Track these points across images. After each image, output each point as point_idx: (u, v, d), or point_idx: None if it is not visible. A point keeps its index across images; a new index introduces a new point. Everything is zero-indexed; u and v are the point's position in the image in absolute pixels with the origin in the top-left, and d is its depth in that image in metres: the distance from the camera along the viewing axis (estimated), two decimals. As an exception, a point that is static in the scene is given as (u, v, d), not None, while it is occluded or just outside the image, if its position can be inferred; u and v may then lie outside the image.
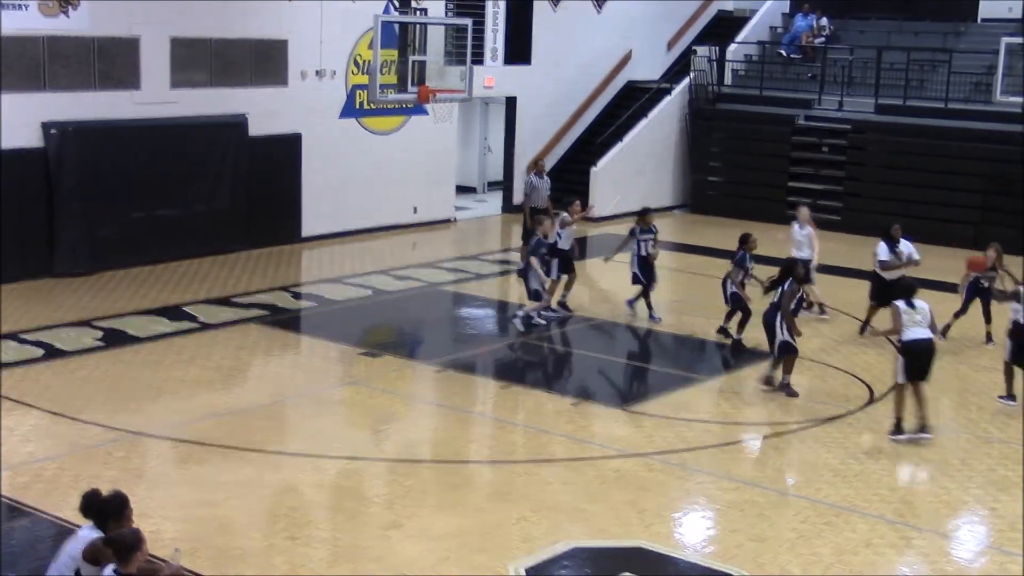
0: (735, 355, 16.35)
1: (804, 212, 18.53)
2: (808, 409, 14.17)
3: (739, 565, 10.00)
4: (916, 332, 12.97)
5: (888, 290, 16.03)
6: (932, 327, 13.22)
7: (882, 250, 17.03)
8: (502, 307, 19.36)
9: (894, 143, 26.22)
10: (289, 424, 13.63)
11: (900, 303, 13.15)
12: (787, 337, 14.29)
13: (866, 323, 17.19)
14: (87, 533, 7.64)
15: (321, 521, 10.74)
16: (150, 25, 19.99)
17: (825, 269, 18.99)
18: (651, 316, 17.77)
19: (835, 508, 11.30)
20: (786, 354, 14.45)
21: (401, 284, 20.07)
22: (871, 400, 14.58)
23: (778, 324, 14.35)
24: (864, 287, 17.78)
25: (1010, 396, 14.48)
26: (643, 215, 18.18)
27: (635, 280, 17.87)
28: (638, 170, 27.78)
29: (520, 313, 17.27)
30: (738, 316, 16.54)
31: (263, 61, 21.94)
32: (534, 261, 16.96)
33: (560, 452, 12.62)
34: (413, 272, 20.93)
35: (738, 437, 13.43)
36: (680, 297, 19.62)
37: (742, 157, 28.42)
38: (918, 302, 13.16)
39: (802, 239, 18.18)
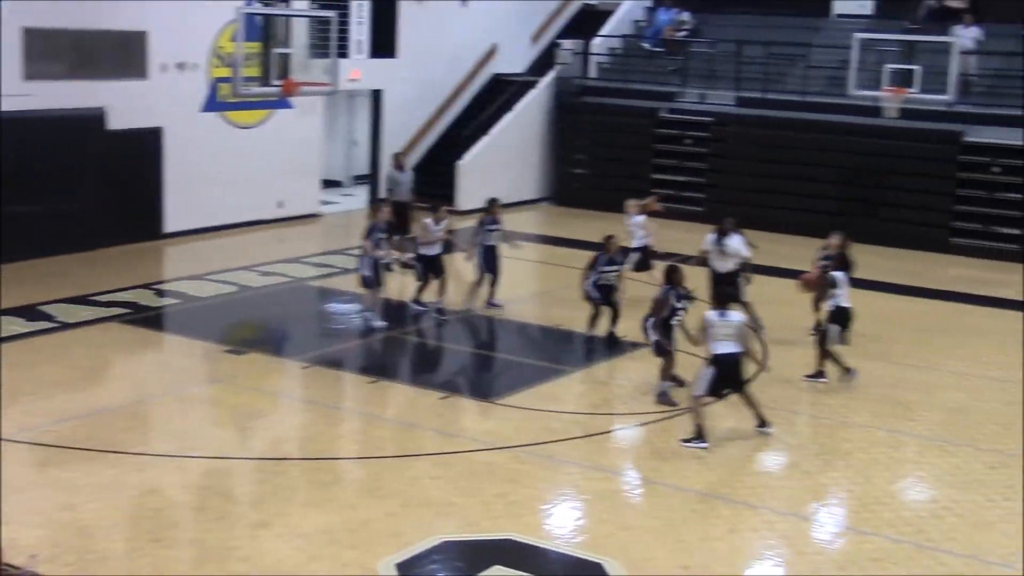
0: (609, 348, 16.45)
1: (630, 203, 19.24)
2: (673, 398, 14.39)
3: (608, 554, 10.12)
4: (724, 346, 12.71)
5: (717, 284, 16.60)
6: (743, 340, 12.86)
7: (707, 240, 17.39)
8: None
9: (755, 135, 26.78)
10: (152, 424, 13.37)
11: (711, 314, 12.92)
12: (657, 338, 14.19)
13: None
14: None
15: (186, 522, 10.58)
16: (1, 14, 19.39)
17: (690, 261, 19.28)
18: (491, 303, 18.03)
19: (700, 495, 11.53)
20: (658, 356, 14.35)
21: (266, 280, 19.82)
22: (734, 388, 14.87)
23: (648, 327, 14.35)
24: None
25: (849, 370, 15.09)
26: (489, 207, 18.34)
27: (480, 270, 18.02)
28: (504, 163, 27.87)
29: (369, 316, 17.13)
30: (607, 312, 16.63)
31: (122, 53, 21.43)
32: (368, 245, 16.80)
33: (429, 446, 12.62)
34: (278, 268, 20.69)
35: (605, 427, 13.57)
36: (546, 289, 19.77)
37: (607, 150, 28.71)
38: (731, 314, 12.99)
39: (633, 228, 18.89)
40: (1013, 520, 11.16)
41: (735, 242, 17.21)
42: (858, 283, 20.98)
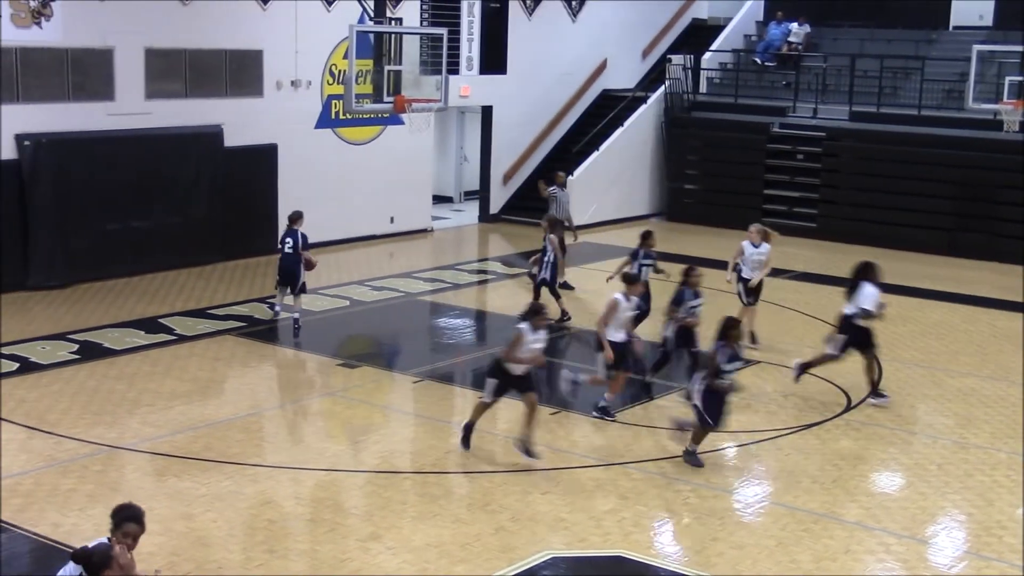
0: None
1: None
2: (786, 416, 14.23)
3: (719, 573, 10.02)
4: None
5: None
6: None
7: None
8: (479, 317, 19.35)
9: (868, 150, 26.35)
10: (267, 436, 13.56)
11: None
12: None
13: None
14: (71, 571, 7.44)
15: (300, 534, 10.70)
16: (124, 35, 19.95)
17: (803, 276, 19.06)
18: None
19: (813, 515, 11.34)
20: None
21: (378, 295, 20.03)
22: (848, 407, 14.65)
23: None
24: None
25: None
26: (645, 238, 17.16)
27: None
28: (614, 178, 27.85)
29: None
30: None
31: (238, 71, 21.91)
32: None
33: (539, 462, 12.60)
34: (390, 282, 20.89)
35: (717, 445, 13.42)
36: (657, 305, 19.56)
37: (718, 165, 28.52)
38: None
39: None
40: None
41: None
42: (976, 300, 20.64)
